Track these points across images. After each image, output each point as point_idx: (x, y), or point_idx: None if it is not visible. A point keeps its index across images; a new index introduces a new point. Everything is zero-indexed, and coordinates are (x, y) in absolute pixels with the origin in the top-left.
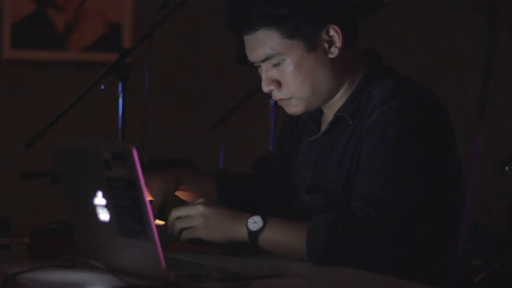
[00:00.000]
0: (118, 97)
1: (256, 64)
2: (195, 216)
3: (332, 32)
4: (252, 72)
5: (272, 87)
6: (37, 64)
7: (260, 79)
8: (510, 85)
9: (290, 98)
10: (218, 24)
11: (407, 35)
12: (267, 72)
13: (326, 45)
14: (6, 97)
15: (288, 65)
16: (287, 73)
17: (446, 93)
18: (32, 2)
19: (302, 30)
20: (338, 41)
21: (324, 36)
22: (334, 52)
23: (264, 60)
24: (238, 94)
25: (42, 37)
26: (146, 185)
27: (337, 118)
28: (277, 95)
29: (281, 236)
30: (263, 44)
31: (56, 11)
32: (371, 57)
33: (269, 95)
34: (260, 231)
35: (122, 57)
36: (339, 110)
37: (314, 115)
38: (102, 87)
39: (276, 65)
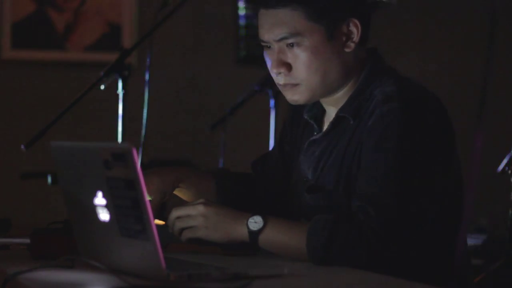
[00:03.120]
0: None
1: (266, 44)
2: (195, 215)
3: (351, 26)
4: (252, 72)
5: (282, 70)
6: (37, 64)
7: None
8: (510, 85)
9: (298, 84)
10: (218, 24)
11: (407, 35)
12: (279, 54)
13: (344, 38)
14: (6, 97)
15: (305, 49)
16: (301, 57)
17: (446, 93)
18: (32, 2)
19: (328, 15)
20: (356, 36)
21: (344, 29)
22: (350, 46)
23: (280, 40)
24: (238, 94)
25: (42, 37)
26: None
27: (339, 118)
28: (284, 79)
29: (281, 236)
30: (286, 22)
31: (56, 11)
32: (372, 57)
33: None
34: (260, 231)
35: (122, 57)
36: (341, 110)
37: (315, 114)
38: (102, 87)
39: (290, 48)
